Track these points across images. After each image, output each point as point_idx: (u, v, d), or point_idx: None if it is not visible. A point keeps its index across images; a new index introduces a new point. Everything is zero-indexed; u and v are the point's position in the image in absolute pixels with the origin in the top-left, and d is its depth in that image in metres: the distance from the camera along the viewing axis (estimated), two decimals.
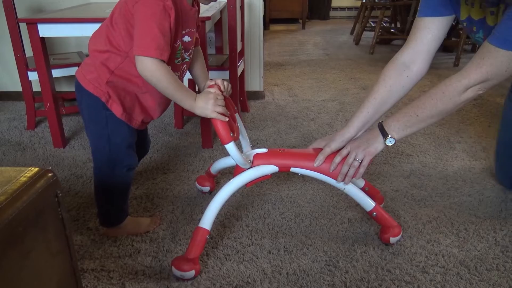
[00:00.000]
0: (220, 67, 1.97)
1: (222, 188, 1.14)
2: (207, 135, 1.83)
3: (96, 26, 1.68)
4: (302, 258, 1.17)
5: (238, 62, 2.00)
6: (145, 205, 1.41)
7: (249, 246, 1.22)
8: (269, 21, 5.18)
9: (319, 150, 1.18)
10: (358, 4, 4.79)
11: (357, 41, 4.11)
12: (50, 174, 0.65)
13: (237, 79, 1.99)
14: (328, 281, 1.09)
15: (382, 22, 4.02)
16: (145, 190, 1.50)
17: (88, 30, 1.72)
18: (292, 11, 5.26)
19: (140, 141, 1.25)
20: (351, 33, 4.68)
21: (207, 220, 1.10)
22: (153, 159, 1.74)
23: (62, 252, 0.71)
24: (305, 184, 1.54)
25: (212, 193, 1.48)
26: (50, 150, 1.83)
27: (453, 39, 3.81)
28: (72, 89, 2.36)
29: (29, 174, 0.63)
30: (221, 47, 2.25)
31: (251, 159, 1.18)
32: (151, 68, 0.99)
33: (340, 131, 1.20)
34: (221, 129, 1.05)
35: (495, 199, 1.45)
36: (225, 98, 1.11)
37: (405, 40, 4.24)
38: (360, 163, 1.13)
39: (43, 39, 1.67)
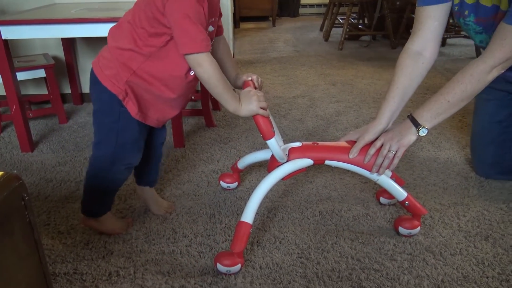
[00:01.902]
0: None
1: (261, 182, 1.16)
2: (178, 134, 1.83)
3: (62, 27, 1.68)
4: (275, 251, 1.19)
5: None
6: (118, 207, 1.41)
7: (223, 242, 1.23)
8: (239, 19, 5.18)
9: (352, 143, 1.21)
10: (327, 1, 4.85)
11: (326, 38, 4.17)
12: (15, 178, 0.64)
13: None
14: (300, 273, 1.11)
15: (350, 19, 4.09)
16: (117, 192, 1.49)
17: (54, 31, 1.70)
18: (262, 9, 5.28)
19: (150, 148, 1.25)
20: (321, 29, 4.74)
21: (249, 214, 1.12)
22: None
23: (31, 256, 0.70)
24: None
25: (236, 188, 1.51)
26: (17, 154, 1.79)
27: None
28: (39, 91, 2.34)
29: None
30: None
31: (287, 153, 1.19)
32: (203, 63, 1.00)
33: (372, 123, 1.23)
34: (264, 125, 1.08)
35: (458, 187, 1.51)
36: None
37: (372, 36, 4.29)
38: (394, 154, 1.16)
39: (6, 41, 1.63)
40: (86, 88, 2.43)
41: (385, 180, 1.21)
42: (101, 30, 1.69)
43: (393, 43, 3.79)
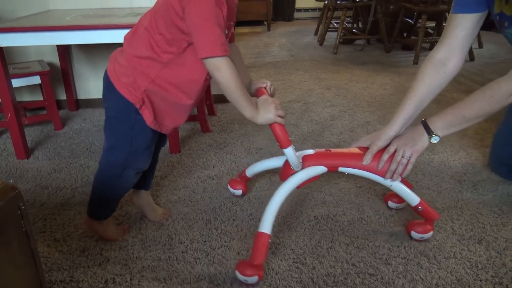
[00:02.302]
0: None
1: (277, 191, 1.16)
2: (174, 140, 1.83)
3: (57, 34, 1.68)
4: (271, 257, 1.20)
5: None
6: (114, 213, 1.40)
7: (219, 248, 1.24)
8: (234, 23, 5.19)
9: (364, 149, 1.22)
10: (321, 5, 4.88)
11: (321, 42, 4.19)
12: (11, 188, 0.65)
13: None
14: (296, 278, 1.12)
15: (345, 23, 4.11)
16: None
17: (49, 38, 1.71)
18: (257, 13, 5.30)
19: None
20: (315, 34, 4.77)
21: (267, 225, 1.11)
22: None
23: (27, 264, 0.71)
24: (273, 185, 1.57)
25: (243, 196, 1.51)
26: (13, 162, 1.79)
27: (412, 37, 3.95)
28: (34, 98, 2.34)
29: None
30: None
31: (301, 161, 1.19)
32: (222, 67, 0.99)
33: (384, 129, 1.23)
34: (281, 134, 1.09)
35: (452, 191, 1.53)
36: None
37: (367, 40, 4.30)
38: (408, 160, 1.16)
39: (1, 48, 1.64)
40: (81, 94, 2.44)
41: (399, 186, 1.21)
42: (97, 37, 1.70)
43: (387, 47, 3.82)
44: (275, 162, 1.38)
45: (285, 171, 1.22)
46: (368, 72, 3.14)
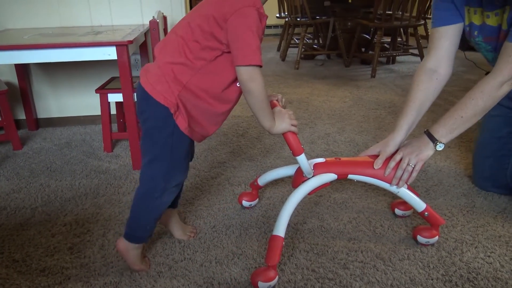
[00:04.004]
0: None
1: (290, 197, 1.21)
2: (137, 156, 1.84)
3: (14, 53, 1.67)
4: (233, 267, 1.22)
5: None
6: (75, 231, 1.40)
7: (182, 261, 1.25)
8: None
9: (374, 157, 1.28)
10: (283, 22, 5.00)
11: (283, 58, 4.30)
12: None
13: None
14: None
15: (305, 39, 4.24)
16: (75, 217, 1.48)
17: (6, 57, 1.70)
18: None
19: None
20: (278, 50, 4.88)
21: (281, 228, 1.16)
22: (82, 184, 1.71)
23: None
24: (235, 197, 1.60)
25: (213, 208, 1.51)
26: None
27: (370, 52, 4.11)
28: None
29: None
30: None
31: (312, 168, 1.24)
32: (257, 77, 1.02)
33: (391, 136, 1.30)
34: (294, 142, 1.15)
35: None
36: None
37: (327, 55, 4.43)
38: (413, 168, 1.22)
39: None
40: (41, 113, 2.40)
41: (405, 192, 1.27)
42: (55, 55, 1.70)
43: (346, 61, 3.96)
44: (286, 171, 1.42)
45: (297, 178, 1.28)
46: (328, 86, 3.25)
